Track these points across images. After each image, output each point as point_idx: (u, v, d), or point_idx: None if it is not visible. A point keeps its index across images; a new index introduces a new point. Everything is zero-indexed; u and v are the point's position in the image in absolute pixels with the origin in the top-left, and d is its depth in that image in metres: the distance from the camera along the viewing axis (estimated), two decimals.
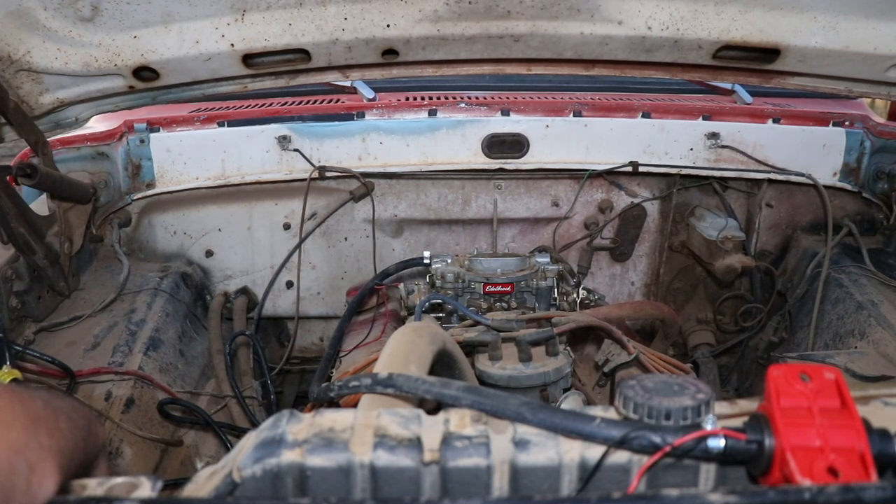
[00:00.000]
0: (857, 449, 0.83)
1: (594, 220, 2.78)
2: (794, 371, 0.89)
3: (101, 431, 0.92)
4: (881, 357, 2.01)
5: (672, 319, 2.22)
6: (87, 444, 0.85)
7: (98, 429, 0.90)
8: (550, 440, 0.92)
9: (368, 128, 2.53)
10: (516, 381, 1.80)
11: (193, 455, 1.97)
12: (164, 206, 2.60)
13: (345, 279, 2.78)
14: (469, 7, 1.90)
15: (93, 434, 0.87)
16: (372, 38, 1.98)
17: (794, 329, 2.55)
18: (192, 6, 1.84)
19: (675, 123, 2.56)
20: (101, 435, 0.92)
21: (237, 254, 2.69)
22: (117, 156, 2.43)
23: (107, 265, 2.40)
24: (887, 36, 1.95)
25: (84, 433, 0.84)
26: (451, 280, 2.18)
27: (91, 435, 0.87)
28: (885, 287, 2.30)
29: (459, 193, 2.74)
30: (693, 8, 1.94)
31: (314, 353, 2.90)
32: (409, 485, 0.91)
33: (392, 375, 1.08)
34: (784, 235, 2.77)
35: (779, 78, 2.21)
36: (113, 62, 1.95)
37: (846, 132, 2.56)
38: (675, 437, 0.87)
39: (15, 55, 1.86)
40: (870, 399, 1.02)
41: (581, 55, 2.12)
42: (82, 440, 0.83)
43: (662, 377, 0.97)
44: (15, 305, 1.93)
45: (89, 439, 0.86)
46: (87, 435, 0.85)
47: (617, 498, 0.80)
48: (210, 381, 2.25)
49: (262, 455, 0.92)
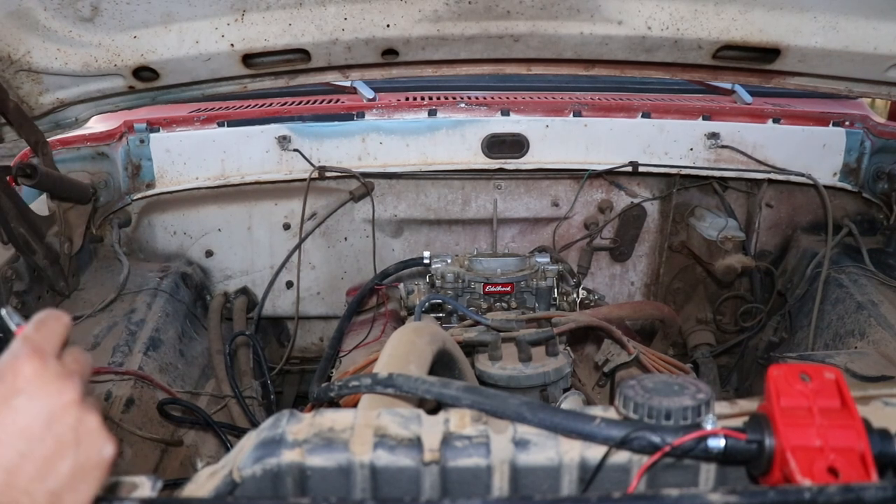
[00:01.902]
0: (858, 449, 0.83)
1: (594, 220, 2.78)
2: (795, 371, 0.89)
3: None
4: (881, 357, 2.01)
5: (672, 319, 2.22)
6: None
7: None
8: (550, 440, 0.92)
9: (368, 128, 2.53)
10: (516, 381, 1.80)
11: (193, 455, 1.97)
12: (164, 207, 2.60)
13: (344, 279, 2.78)
14: (469, 7, 1.90)
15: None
16: (372, 38, 1.98)
17: (794, 329, 2.55)
18: (191, 6, 1.84)
19: (674, 123, 2.56)
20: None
21: (237, 254, 2.69)
22: (117, 156, 2.42)
23: (107, 265, 2.40)
24: (887, 36, 1.95)
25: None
26: (451, 280, 2.18)
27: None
28: (886, 287, 2.30)
29: (459, 193, 2.74)
30: (693, 8, 1.93)
31: (314, 353, 2.90)
32: (409, 485, 0.91)
33: (392, 375, 1.08)
34: (784, 235, 2.77)
35: (779, 78, 2.21)
36: (113, 62, 1.95)
37: (846, 132, 2.56)
38: (675, 436, 0.87)
39: (15, 55, 1.86)
40: (870, 399, 1.02)
41: (581, 55, 2.12)
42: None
43: (662, 377, 0.97)
44: (15, 305, 1.93)
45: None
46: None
47: (617, 498, 0.80)
48: (210, 381, 2.25)
49: (262, 455, 0.92)
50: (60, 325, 0.78)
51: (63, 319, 0.79)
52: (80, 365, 0.77)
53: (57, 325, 0.77)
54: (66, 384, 0.71)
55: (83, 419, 0.72)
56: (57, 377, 0.71)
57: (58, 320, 0.78)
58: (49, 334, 0.76)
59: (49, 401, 0.70)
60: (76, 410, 0.71)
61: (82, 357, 0.78)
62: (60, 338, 0.77)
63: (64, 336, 0.78)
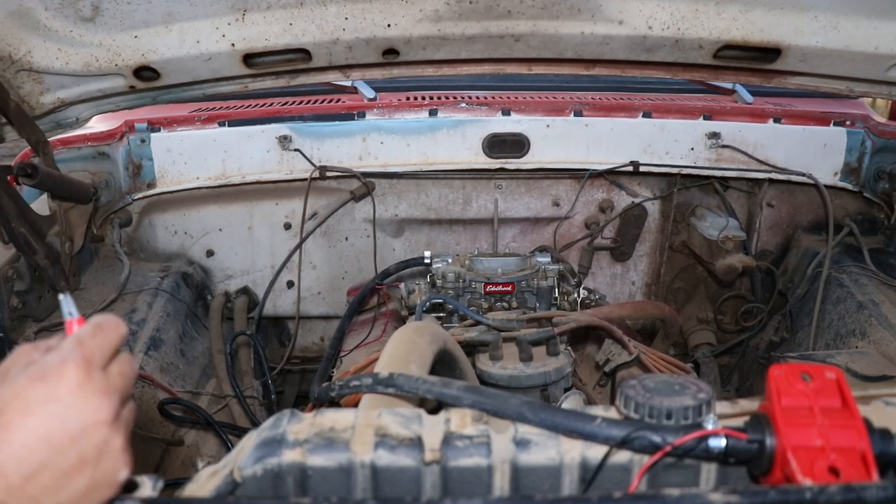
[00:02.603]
0: (859, 449, 0.83)
1: (595, 219, 2.78)
2: (796, 371, 0.89)
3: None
4: (882, 357, 2.01)
5: (673, 319, 2.22)
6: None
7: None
8: (551, 440, 0.92)
9: (369, 128, 2.53)
10: (517, 380, 1.80)
11: (194, 455, 1.97)
12: (165, 206, 2.60)
13: (345, 279, 2.78)
14: (470, 7, 1.90)
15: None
16: (372, 37, 1.98)
17: (795, 329, 2.54)
18: (192, 6, 1.84)
19: (675, 123, 2.56)
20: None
21: (238, 254, 2.69)
22: (118, 156, 2.43)
23: (107, 265, 2.40)
24: (888, 35, 1.95)
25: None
26: (452, 280, 2.18)
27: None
28: (886, 287, 2.30)
29: (460, 193, 2.74)
30: (694, 7, 1.93)
31: (315, 353, 2.90)
32: (409, 484, 0.91)
33: (393, 375, 1.08)
34: (785, 235, 2.77)
35: (780, 77, 2.21)
36: (114, 62, 1.95)
37: (847, 132, 2.56)
38: (675, 436, 0.87)
39: (16, 55, 1.86)
40: (871, 399, 1.02)
41: (582, 55, 2.12)
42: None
43: (663, 377, 0.97)
44: (16, 305, 1.94)
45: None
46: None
47: (618, 497, 0.80)
48: (211, 381, 2.25)
49: (262, 455, 0.92)
50: (117, 334, 0.77)
51: (121, 329, 0.78)
52: (124, 379, 0.76)
53: (114, 334, 0.77)
54: (105, 402, 0.71)
55: (110, 440, 0.71)
56: (97, 393, 0.71)
57: (116, 329, 0.77)
58: (103, 343, 0.75)
59: (83, 416, 0.69)
60: (106, 430, 0.71)
61: (128, 369, 0.78)
62: (114, 348, 0.76)
63: (117, 347, 0.77)
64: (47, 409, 0.68)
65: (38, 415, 0.67)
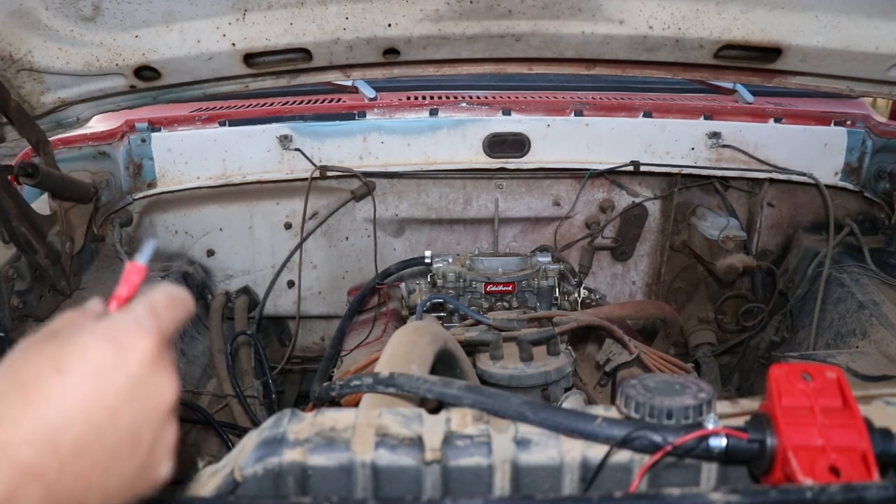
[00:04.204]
0: (859, 448, 0.83)
1: (595, 219, 2.78)
2: (796, 370, 0.89)
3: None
4: (883, 357, 2.01)
5: (673, 319, 2.22)
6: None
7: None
8: (552, 439, 0.92)
9: (369, 127, 2.53)
10: (517, 380, 1.80)
11: (195, 454, 1.97)
12: (166, 206, 2.60)
13: (346, 279, 2.78)
14: (470, 6, 1.90)
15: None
16: (373, 37, 1.98)
17: (796, 328, 2.54)
18: (193, 6, 1.84)
19: (676, 123, 2.56)
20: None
21: (238, 253, 2.69)
22: (118, 155, 2.43)
23: (108, 265, 2.40)
24: (889, 35, 1.95)
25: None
26: (453, 279, 2.18)
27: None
28: (887, 286, 2.30)
29: (461, 193, 2.74)
30: (694, 7, 1.93)
31: (315, 353, 2.90)
32: (410, 484, 0.91)
33: (393, 375, 1.08)
34: (785, 235, 2.77)
35: (780, 77, 2.21)
36: (114, 62, 1.95)
37: (847, 132, 2.56)
38: (676, 436, 0.87)
39: (16, 55, 1.86)
40: (871, 398, 1.02)
41: (582, 54, 2.12)
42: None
43: (664, 377, 0.97)
44: (16, 305, 1.94)
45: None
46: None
47: (618, 497, 0.80)
48: (211, 381, 2.25)
49: (263, 454, 0.92)
50: (186, 310, 0.68)
51: (190, 308, 0.69)
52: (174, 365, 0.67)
53: (185, 311, 0.68)
54: (172, 386, 0.63)
55: (167, 428, 0.63)
56: (167, 374, 0.62)
57: (187, 306, 0.68)
58: (176, 318, 0.66)
59: (151, 395, 0.61)
60: (165, 417, 0.63)
61: (175, 356, 0.70)
62: (179, 327, 0.67)
63: (182, 326, 0.67)
64: (114, 377, 0.58)
65: (103, 382, 0.58)
